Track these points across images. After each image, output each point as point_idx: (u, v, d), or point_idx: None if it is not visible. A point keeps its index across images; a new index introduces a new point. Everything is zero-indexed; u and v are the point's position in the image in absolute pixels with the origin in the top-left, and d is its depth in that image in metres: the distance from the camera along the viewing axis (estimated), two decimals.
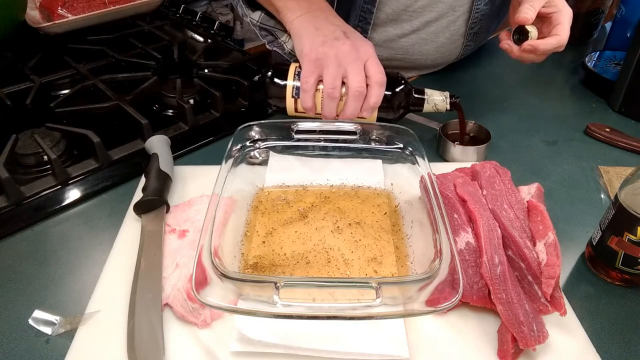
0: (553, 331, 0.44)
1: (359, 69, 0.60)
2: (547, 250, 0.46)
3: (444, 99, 0.65)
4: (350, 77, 0.60)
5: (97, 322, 0.46)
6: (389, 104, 0.64)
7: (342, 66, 0.60)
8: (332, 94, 0.61)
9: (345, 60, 0.60)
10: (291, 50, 0.77)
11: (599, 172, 0.69)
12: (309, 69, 0.61)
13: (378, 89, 0.60)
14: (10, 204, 0.59)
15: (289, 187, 0.62)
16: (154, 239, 0.53)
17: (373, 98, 0.60)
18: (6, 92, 0.79)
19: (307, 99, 0.62)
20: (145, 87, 0.79)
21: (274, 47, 0.80)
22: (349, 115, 0.62)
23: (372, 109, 0.62)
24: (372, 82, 0.60)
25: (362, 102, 0.61)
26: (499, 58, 1.02)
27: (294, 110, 0.65)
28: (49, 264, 0.54)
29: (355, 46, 0.61)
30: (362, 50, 0.61)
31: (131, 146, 0.70)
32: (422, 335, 0.45)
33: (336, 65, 0.60)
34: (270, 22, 0.78)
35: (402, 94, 0.64)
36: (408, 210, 0.57)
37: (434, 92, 0.66)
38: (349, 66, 0.60)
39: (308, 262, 0.51)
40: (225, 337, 0.44)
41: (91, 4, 1.02)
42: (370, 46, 0.63)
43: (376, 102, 0.61)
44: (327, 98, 0.61)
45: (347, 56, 0.60)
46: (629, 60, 0.78)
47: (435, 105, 0.66)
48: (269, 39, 0.80)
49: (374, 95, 0.60)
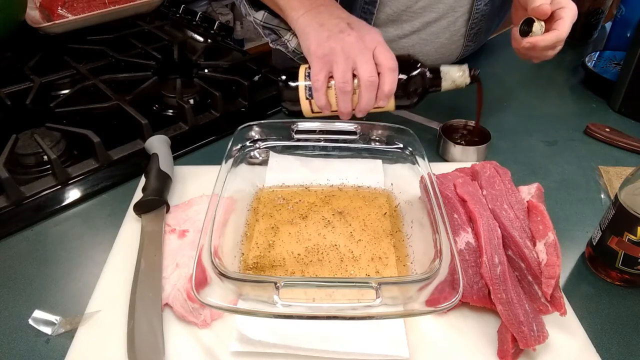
0: (553, 331, 0.44)
1: (367, 59, 0.58)
2: (547, 250, 0.46)
3: (463, 74, 0.62)
4: (360, 68, 0.58)
5: (97, 322, 0.46)
6: (405, 89, 0.61)
7: (351, 58, 0.59)
8: (344, 88, 0.59)
9: (353, 52, 0.59)
10: (295, 48, 0.77)
11: (599, 172, 0.69)
12: (317, 66, 0.60)
13: (390, 75, 0.59)
14: (10, 204, 0.59)
15: (289, 187, 0.62)
16: (154, 239, 0.53)
17: (387, 85, 0.59)
18: (6, 92, 0.79)
19: (320, 97, 0.61)
20: (145, 87, 0.79)
21: (278, 46, 0.80)
22: (365, 107, 0.60)
23: (387, 96, 0.60)
24: (383, 69, 0.59)
25: (377, 92, 0.59)
26: (499, 58, 1.02)
27: (310, 111, 0.64)
28: (49, 264, 0.54)
29: (361, 36, 0.60)
30: (369, 39, 0.60)
31: (131, 146, 0.70)
32: (422, 335, 0.45)
33: (344, 59, 0.59)
34: (274, 21, 0.78)
35: (417, 77, 0.62)
36: (408, 210, 0.57)
37: (451, 69, 0.62)
38: (357, 57, 0.58)
39: (308, 262, 0.51)
40: (225, 337, 0.44)
41: (91, 4, 1.02)
42: (377, 33, 0.61)
43: (390, 89, 0.59)
44: (340, 93, 0.60)
45: (353, 47, 0.59)
46: (629, 60, 0.78)
47: (453, 82, 0.62)
48: (273, 37, 0.80)
49: (387, 82, 0.59)
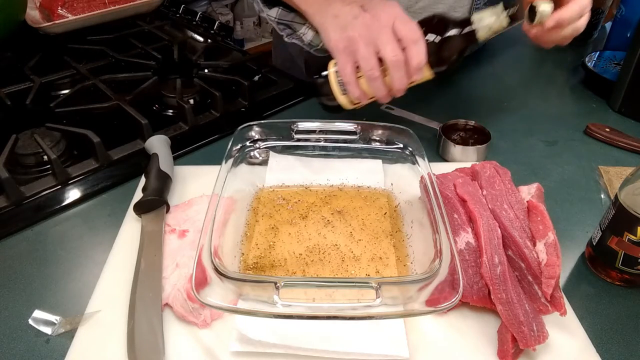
0: (553, 331, 0.44)
1: (387, 38, 0.57)
2: (547, 250, 0.46)
3: (497, 17, 0.57)
4: (382, 50, 0.57)
5: (97, 322, 0.46)
6: (438, 54, 0.58)
7: (371, 43, 0.57)
8: (372, 74, 0.58)
9: (371, 35, 0.57)
10: (311, 41, 0.77)
11: (599, 172, 0.69)
12: (341, 60, 0.60)
13: (415, 48, 0.56)
14: (10, 204, 0.59)
15: (289, 187, 0.62)
16: (154, 239, 0.53)
17: (414, 58, 0.56)
18: (6, 92, 0.79)
19: (353, 90, 0.60)
20: (145, 87, 0.79)
21: (294, 40, 0.80)
22: (399, 86, 0.59)
23: (417, 70, 0.57)
24: (406, 43, 0.56)
25: (406, 68, 0.57)
26: (499, 58, 1.02)
27: (349, 103, 0.63)
28: (49, 264, 0.54)
29: (376, 15, 0.58)
30: (384, 16, 0.58)
31: (131, 146, 0.70)
32: (422, 335, 0.45)
33: (365, 45, 0.58)
34: (288, 16, 0.77)
35: (448, 39, 0.58)
36: (408, 210, 0.57)
37: (484, 15, 0.58)
38: (377, 39, 0.57)
39: (308, 262, 0.51)
40: (225, 337, 0.44)
41: (91, 4, 1.02)
42: (393, 6, 0.59)
43: (419, 61, 0.57)
44: (370, 80, 0.59)
45: (371, 30, 0.57)
46: (629, 60, 0.78)
47: (490, 29, 0.58)
48: (287, 32, 0.80)
49: (414, 55, 0.56)
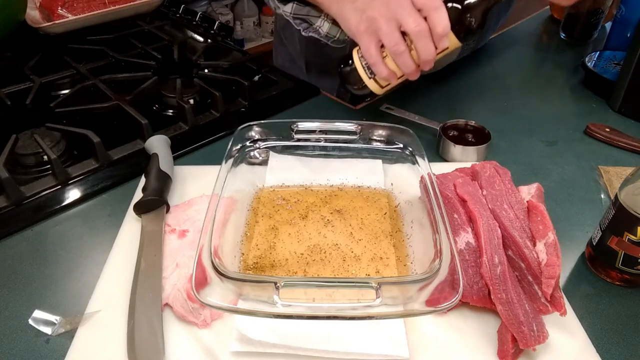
0: (553, 331, 0.44)
1: (407, 10, 0.56)
2: (547, 250, 0.46)
3: None
4: (404, 22, 0.56)
5: (97, 322, 0.46)
6: (461, 20, 0.58)
7: (392, 18, 0.57)
8: (397, 49, 0.58)
9: (391, 11, 0.57)
10: (328, 32, 0.77)
11: (599, 172, 0.69)
12: (365, 41, 0.60)
13: (437, 14, 0.56)
14: (10, 204, 0.59)
15: (289, 187, 0.62)
16: (154, 239, 0.53)
17: (438, 26, 0.56)
18: (6, 92, 0.79)
19: (381, 70, 0.60)
20: (145, 87, 0.79)
21: (311, 33, 0.80)
22: (426, 57, 0.58)
23: (442, 36, 0.56)
24: (427, 11, 0.56)
25: (431, 37, 0.57)
26: (499, 58, 1.02)
27: (379, 87, 0.63)
28: (49, 264, 0.54)
29: None
30: None
31: (131, 146, 0.70)
32: (422, 335, 0.45)
33: (386, 22, 0.57)
34: (303, 10, 0.78)
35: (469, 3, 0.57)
36: (408, 210, 0.57)
37: None
38: (397, 13, 0.57)
39: (308, 262, 0.51)
40: (225, 337, 0.44)
41: (91, 4, 1.02)
42: None
43: (443, 27, 0.56)
44: (395, 56, 0.59)
45: (389, 6, 0.57)
46: (629, 60, 0.78)
47: None
48: (304, 26, 0.80)
49: (437, 22, 0.56)
